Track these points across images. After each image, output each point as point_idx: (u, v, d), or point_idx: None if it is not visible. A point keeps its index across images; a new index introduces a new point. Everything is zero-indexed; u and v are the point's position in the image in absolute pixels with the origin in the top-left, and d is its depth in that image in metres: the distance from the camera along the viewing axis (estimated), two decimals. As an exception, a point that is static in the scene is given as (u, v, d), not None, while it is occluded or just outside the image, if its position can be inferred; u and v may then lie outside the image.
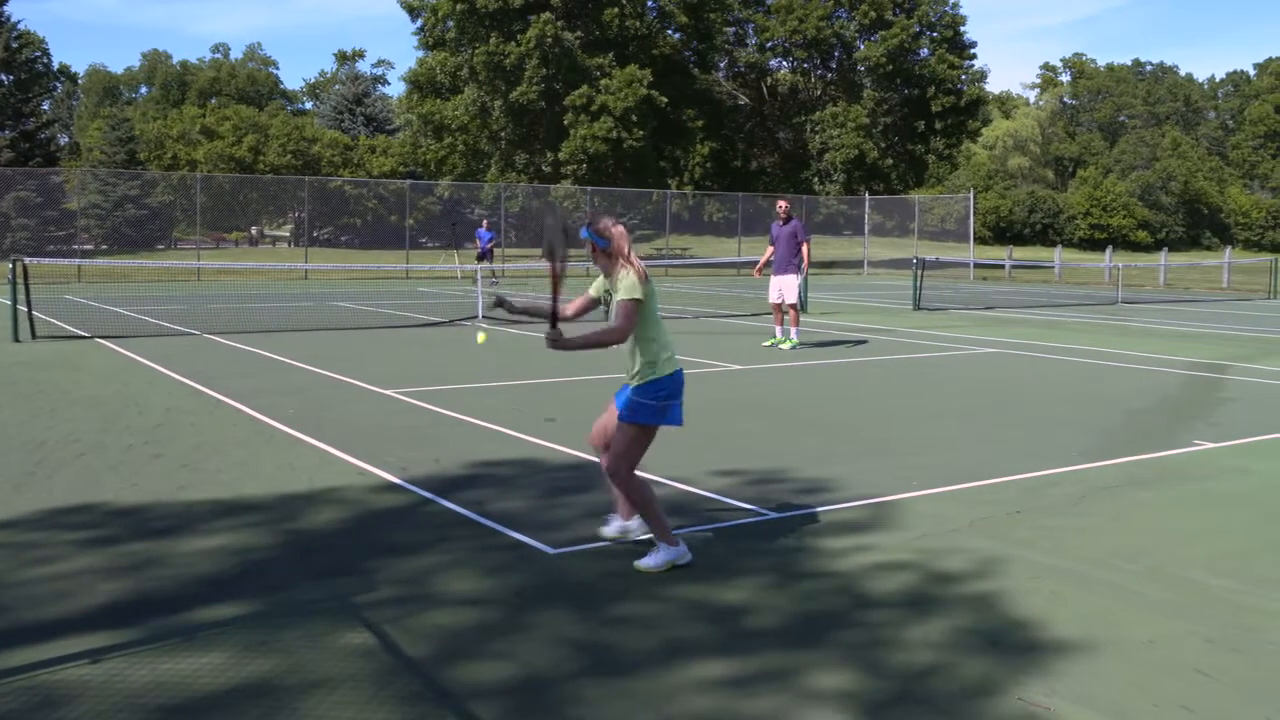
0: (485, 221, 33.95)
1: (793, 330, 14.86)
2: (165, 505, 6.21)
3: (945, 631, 4.40)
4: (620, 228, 5.23)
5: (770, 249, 14.83)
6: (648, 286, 5.17)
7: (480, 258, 31.57)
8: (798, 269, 14.70)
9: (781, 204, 14.92)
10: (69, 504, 6.22)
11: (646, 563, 5.16)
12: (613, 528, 5.59)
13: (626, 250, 5.19)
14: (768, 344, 14.93)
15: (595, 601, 4.70)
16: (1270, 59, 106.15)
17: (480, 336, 6.48)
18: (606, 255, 5.19)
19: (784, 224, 14.62)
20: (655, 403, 5.13)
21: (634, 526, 5.53)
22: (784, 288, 14.67)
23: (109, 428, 8.51)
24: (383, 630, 4.33)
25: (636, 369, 5.19)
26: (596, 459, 5.80)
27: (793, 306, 14.72)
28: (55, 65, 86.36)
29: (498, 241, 42.43)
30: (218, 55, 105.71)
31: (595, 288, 5.39)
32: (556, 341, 5.23)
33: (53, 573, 5.02)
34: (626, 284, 5.10)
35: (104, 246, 49.40)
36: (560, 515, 6.07)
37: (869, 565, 5.24)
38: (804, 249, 14.70)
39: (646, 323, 5.19)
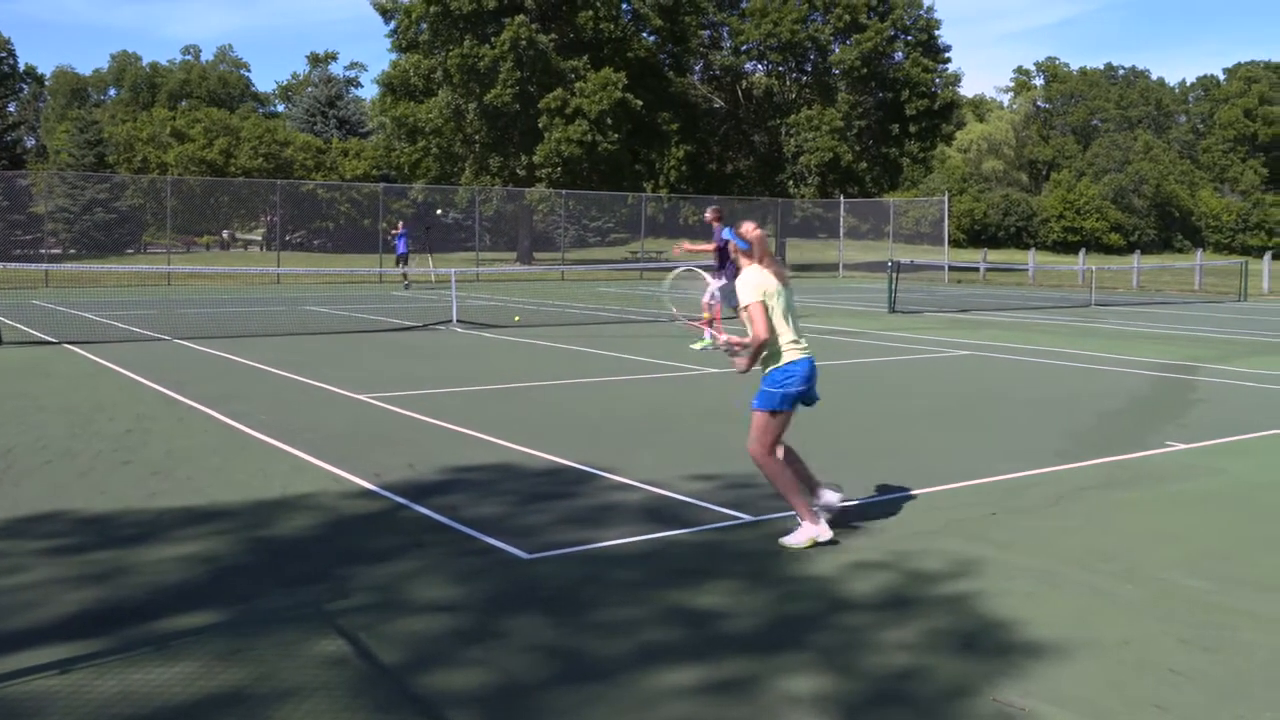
0: (401, 223, 33.76)
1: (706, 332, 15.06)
2: (135, 513, 6.16)
3: (921, 633, 4.42)
4: (759, 231, 5.69)
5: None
6: (772, 286, 5.62)
7: (399, 260, 31.42)
8: (714, 273, 15.06)
9: (710, 212, 15.48)
10: (36, 512, 6.15)
11: (788, 539, 5.59)
12: (825, 498, 5.79)
13: (758, 254, 5.65)
14: (697, 346, 14.83)
15: (570, 607, 4.69)
16: (1239, 64, 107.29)
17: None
18: (747, 257, 5.68)
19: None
20: (775, 389, 5.62)
21: (835, 500, 5.80)
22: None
23: (78, 434, 8.43)
24: (356, 637, 4.30)
25: (762, 362, 5.67)
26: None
27: (707, 306, 14.95)
28: (21, 66, 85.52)
29: (471, 245, 42.30)
30: (188, 57, 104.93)
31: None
32: (744, 371, 5.82)
33: (19, 582, 4.96)
34: (742, 289, 5.61)
35: (72, 251, 48.96)
36: (535, 520, 6.06)
37: (845, 568, 5.26)
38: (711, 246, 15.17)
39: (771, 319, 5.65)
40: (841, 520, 6.10)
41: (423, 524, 6.00)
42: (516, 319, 19.88)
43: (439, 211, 39.85)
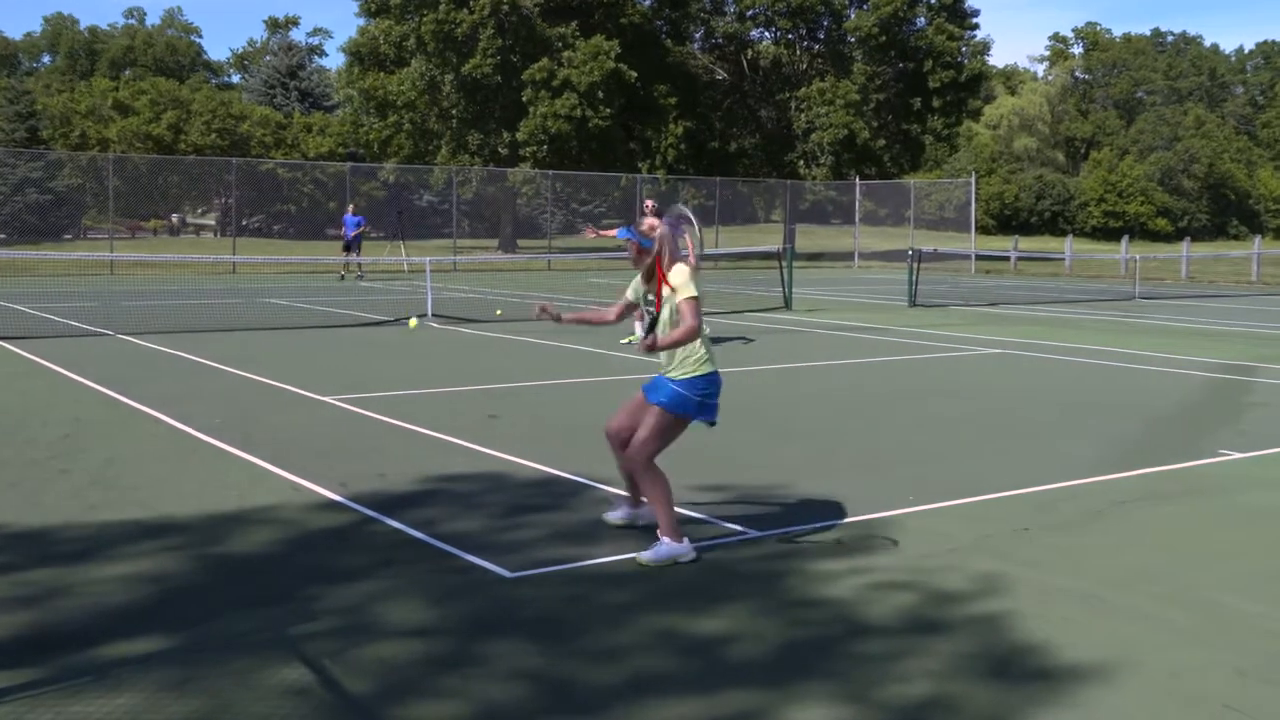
0: (351, 206, 33.58)
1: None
2: (73, 527, 6.15)
3: (947, 660, 4.43)
4: (665, 228, 5.73)
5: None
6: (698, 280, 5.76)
7: (347, 248, 31.17)
8: None
9: (649, 203, 15.40)
10: (-36, 526, 6.14)
11: (648, 556, 5.57)
12: (619, 514, 6.12)
13: (676, 248, 5.71)
14: (625, 340, 14.73)
15: (557, 631, 4.70)
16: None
17: (412, 322, 6.66)
18: (647, 253, 5.73)
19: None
20: (697, 397, 5.67)
21: (645, 513, 5.98)
22: None
23: (8, 440, 8.42)
24: (321, 665, 4.30)
25: (677, 362, 5.70)
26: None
27: None
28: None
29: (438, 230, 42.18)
30: (131, 21, 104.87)
31: (633, 290, 5.98)
32: (651, 347, 5.80)
33: (-55, 604, 4.95)
34: (685, 281, 5.64)
35: (1, 236, 48.88)
36: (520, 536, 6.06)
37: (862, 588, 5.27)
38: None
39: None
40: (861, 535, 6.11)
41: (395, 539, 6.00)
42: (498, 313, 19.89)
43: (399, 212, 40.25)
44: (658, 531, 5.67)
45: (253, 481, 7.22)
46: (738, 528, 6.24)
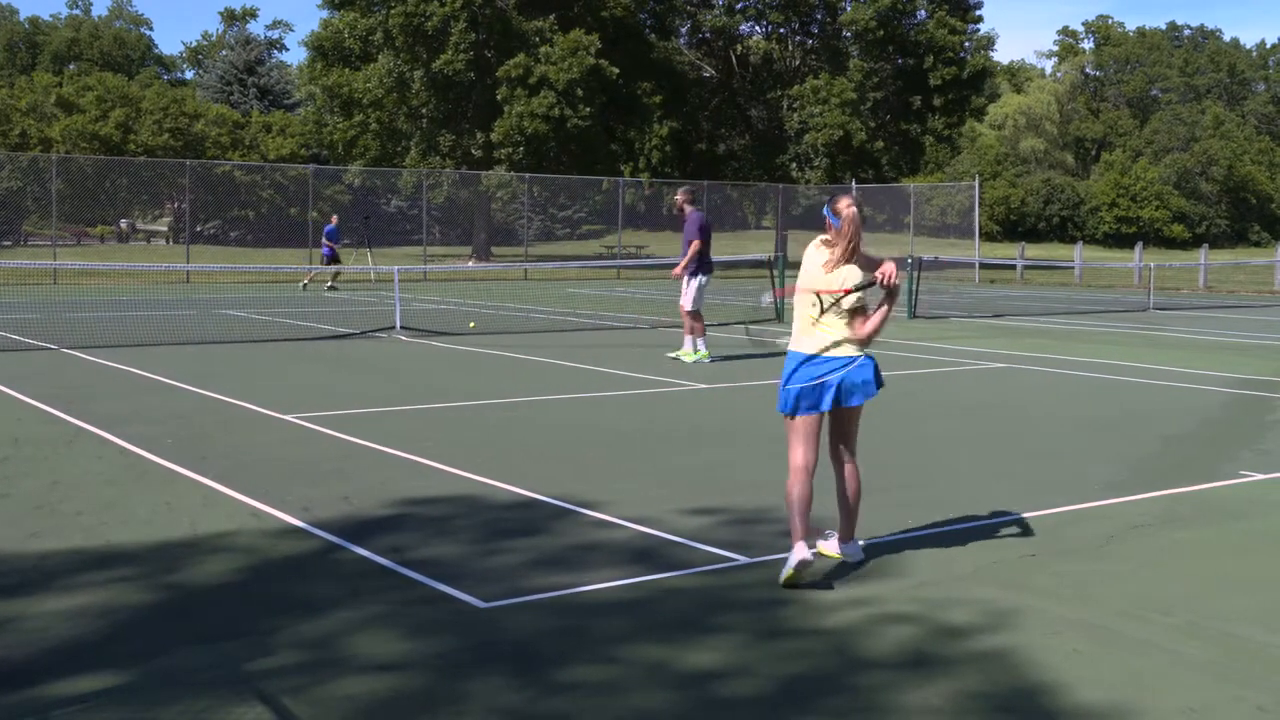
0: (334, 216, 33.35)
1: (691, 341, 14.88)
2: (13, 557, 6.13)
3: (949, 696, 4.45)
4: (855, 210, 6.07)
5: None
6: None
7: (329, 260, 30.96)
8: (689, 270, 14.73)
9: (679, 196, 15.26)
10: (-104, 555, 6.11)
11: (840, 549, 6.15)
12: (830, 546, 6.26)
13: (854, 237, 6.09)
14: (671, 355, 15.19)
15: (537, 664, 4.70)
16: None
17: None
18: (835, 233, 6.08)
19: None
20: (784, 388, 6.15)
21: (848, 550, 6.16)
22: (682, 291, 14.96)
23: (-55, 463, 8.38)
24: (281, 704, 4.30)
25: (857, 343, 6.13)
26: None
27: (688, 314, 14.81)
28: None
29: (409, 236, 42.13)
30: (76, 12, 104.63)
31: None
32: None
33: (-124, 639, 4.93)
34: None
35: (-63, 243, 48.64)
36: (496, 563, 6.06)
37: (860, 620, 5.28)
38: (691, 247, 14.74)
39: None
40: (858, 562, 6.13)
41: (361, 568, 5.99)
42: (471, 325, 19.89)
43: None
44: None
45: (207, 506, 7.20)
46: (730, 554, 6.25)
